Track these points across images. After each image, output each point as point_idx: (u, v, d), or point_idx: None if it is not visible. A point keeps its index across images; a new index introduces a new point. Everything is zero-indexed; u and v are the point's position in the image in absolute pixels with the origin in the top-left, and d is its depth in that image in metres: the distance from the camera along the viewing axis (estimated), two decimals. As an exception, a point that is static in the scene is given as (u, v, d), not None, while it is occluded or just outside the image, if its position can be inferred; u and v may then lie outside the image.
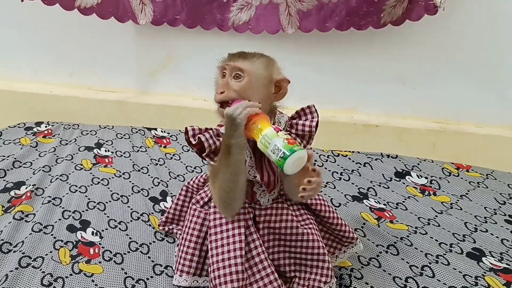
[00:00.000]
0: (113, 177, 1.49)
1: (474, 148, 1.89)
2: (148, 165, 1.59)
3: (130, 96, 2.01)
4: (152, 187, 1.47)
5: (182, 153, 1.70)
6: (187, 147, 1.73)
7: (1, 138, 1.67)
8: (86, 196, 1.38)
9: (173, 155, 1.68)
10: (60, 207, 1.32)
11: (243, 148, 0.93)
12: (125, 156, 1.63)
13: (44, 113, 1.90)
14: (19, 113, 1.90)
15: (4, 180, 1.43)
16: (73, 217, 1.29)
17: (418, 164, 1.70)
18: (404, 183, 1.60)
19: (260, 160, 1.02)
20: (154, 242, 1.24)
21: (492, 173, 1.67)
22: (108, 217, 1.31)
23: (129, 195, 1.41)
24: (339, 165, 1.69)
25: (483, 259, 1.25)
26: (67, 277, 1.09)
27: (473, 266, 1.22)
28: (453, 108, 1.93)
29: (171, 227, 1.25)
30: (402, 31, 1.79)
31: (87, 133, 1.76)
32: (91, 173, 1.50)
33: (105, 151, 1.65)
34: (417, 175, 1.64)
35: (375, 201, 1.49)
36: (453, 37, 1.79)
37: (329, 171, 1.65)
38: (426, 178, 1.63)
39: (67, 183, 1.43)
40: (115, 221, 1.30)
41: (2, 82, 2.02)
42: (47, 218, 1.27)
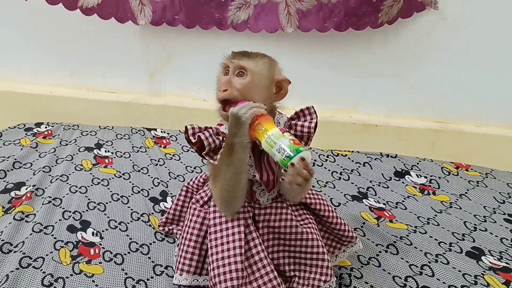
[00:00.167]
0: (113, 178, 1.49)
1: (473, 147, 1.89)
2: (148, 166, 1.59)
3: (130, 96, 2.01)
4: (152, 188, 1.47)
5: (182, 153, 1.70)
6: (187, 147, 1.73)
7: (1, 139, 1.68)
8: (86, 197, 1.38)
9: (173, 155, 1.69)
10: (61, 207, 1.32)
11: (246, 148, 0.94)
12: (125, 157, 1.63)
13: (44, 114, 1.90)
14: (19, 114, 1.90)
15: (4, 181, 1.44)
16: (73, 217, 1.29)
17: (418, 164, 1.70)
18: (403, 182, 1.60)
19: (259, 160, 1.02)
20: (154, 242, 1.24)
21: (491, 172, 1.67)
22: (108, 217, 1.31)
23: (129, 196, 1.42)
24: (338, 164, 1.69)
25: (483, 258, 1.25)
26: (67, 277, 1.09)
27: (472, 265, 1.23)
28: (452, 107, 1.93)
29: (171, 227, 1.25)
30: (402, 30, 1.79)
31: (87, 134, 1.76)
32: (91, 173, 1.50)
33: (105, 151, 1.65)
34: (416, 174, 1.65)
35: (374, 201, 1.49)
36: (452, 36, 1.79)
37: (329, 170, 1.65)
38: (426, 177, 1.63)
39: (67, 183, 1.44)
40: (115, 221, 1.30)
41: (2, 83, 2.02)
42: (47, 219, 1.27)
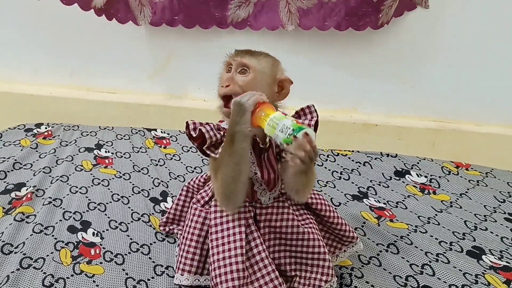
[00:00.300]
0: (113, 178, 1.49)
1: (473, 146, 1.89)
2: (148, 166, 1.59)
3: (130, 96, 2.01)
4: (152, 188, 1.47)
5: (182, 153, 1.70)
6: (187, 147, 1.73)
7: (1, 140, 1.67)
8: (87, 197, 1.38)
9: (173, 155, 1.69)
10: (61, 208, 1.32)
11: (248, 136, 0.93)
12: (125, 157, 1.63)
13: (44, 115, 1.90)
14: (19, 115, 1.90)
15: (5, 182, 1.43)
16: (73, 218, 1.29)
17: (418, 163, 1.70)
18: (403, 182, 1.60)
19: (259, 158, 1.02)
20: (155, 242, 1.24)
21: (491, 171, 1.67)
22: (108, 218, 1.31)
23: (129, 196, 1.41)
24: (339, 164, 1.69)
25: (483, 257, 1.25)
26: (68, 277, 1.09)
27: (473, 264, 1.23)
28: (452, 107, 1.94)
29: (172, 227, 1.25)
30: (402, 30, 1.80)
31: (87, 134, 1.76)
32: (91, 174, 1.50)
33: (105, 152, 1.65)
34: (416, 174, 1.65)
35: (375, 200, 1.49)
36: (452, 36, 1.80)
37: (329, 170, 1.65)
38: (426, 177, 1.63)
39: (68, 184, 1.44)
40: (116, 221, 1.30)
41: (2, 83, 2.02)
42: (47, 219, 1.27)
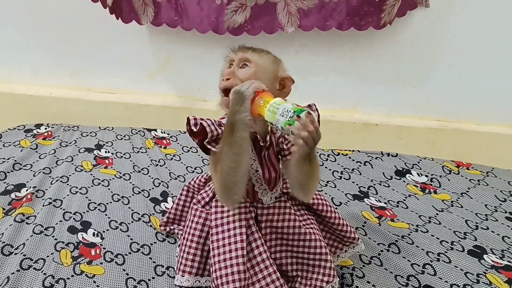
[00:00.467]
0: (113, 178, 1.49)
1: (474, 146, 1.89)
2: (148, 166, 1.59)
3: (130, 97, 2.01)
4: (152, 188, 1.47)
5: (182, 153, 1.70)
6: (187, 147, 1.73)
7: (1, 141, 1.67)
8: (87, 198, 1.38)
9: (173, 155, 1.68)
10: (61, 208, 1.32)
11: (248, 125, 0.91)
12: (125, 157, 1.63)
13: (43, 115, 1.90)
14: (19, 115, 1.90)
15: (5, 183, 1.43)
16: (74, 218, 1.29)
17: (418, 163, 1.70)
18: (404, 181, 1.60)
19: (260, 156, 1.02)
20: (155, 243, 1.24)
21: (492, 170, 1.67)
22: (109, 218, 1.31)
23: (129, 196, 1.41)
24: (339, 164, 1.69)
25: (485, 256, 1.25)
26: (68, 278, 1.09)
27: (474, 263, 1.22)
28: (452, 106, 1.93)
29: (172, 227, 1.25)
30: (402, 30, 1.79)
31: (87, 135, 1.76)
32: (91, 174, 1.50)
33: (105, 152, 1.65)
34: (417, 173, 1.64)
35: (375, 200, 1.49)
36: (452, 36, 1.79)
37: (330, 170, 1.65)
38: (427, 176, 1.63)
39: (68, 184, 1.43)
40: (116, 222, 1.30)
41: (2, 84, 2.02)
42: (48, 220, 1.27)
